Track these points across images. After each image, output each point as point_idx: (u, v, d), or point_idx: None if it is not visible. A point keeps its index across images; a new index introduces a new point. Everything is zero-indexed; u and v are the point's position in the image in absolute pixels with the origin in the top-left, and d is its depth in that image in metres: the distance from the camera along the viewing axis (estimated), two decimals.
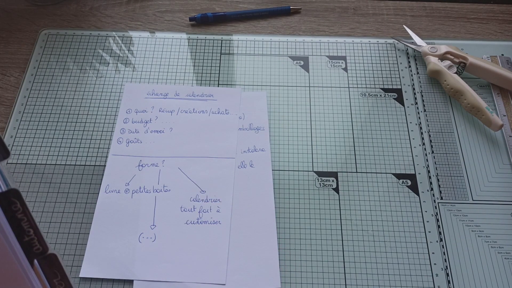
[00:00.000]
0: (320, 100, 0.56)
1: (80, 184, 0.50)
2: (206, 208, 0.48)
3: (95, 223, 0.47)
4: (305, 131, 0.54)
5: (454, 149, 0.53)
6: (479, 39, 0.62)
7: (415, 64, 0.59)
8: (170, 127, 0.54)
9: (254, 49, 0.61)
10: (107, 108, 0.55)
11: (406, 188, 0.50)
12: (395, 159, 0.52)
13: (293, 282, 0.45)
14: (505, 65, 0.58)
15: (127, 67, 0.59)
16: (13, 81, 0.58)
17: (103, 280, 0.45)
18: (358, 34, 0.63)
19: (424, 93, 0.57)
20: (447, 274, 0.45)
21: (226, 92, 0.56)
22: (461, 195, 0.50)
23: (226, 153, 0.52)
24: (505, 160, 0.52)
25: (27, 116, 0.54)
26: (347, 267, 0.46)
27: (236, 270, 0.45)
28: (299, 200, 0.49)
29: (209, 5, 0.66)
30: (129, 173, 0.50)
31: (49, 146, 0.52)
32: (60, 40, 0.61)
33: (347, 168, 0.51)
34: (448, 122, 0.55)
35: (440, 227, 0.48)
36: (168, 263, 0.45)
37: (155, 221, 0.48)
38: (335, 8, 0.66)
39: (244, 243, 0.46)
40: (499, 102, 0.56)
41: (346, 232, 0.48)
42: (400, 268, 0.46)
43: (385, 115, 0.55)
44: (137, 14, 0.65)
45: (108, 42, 0.61)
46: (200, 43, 0.61)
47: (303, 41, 0.61)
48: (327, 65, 0.59)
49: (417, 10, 0.66)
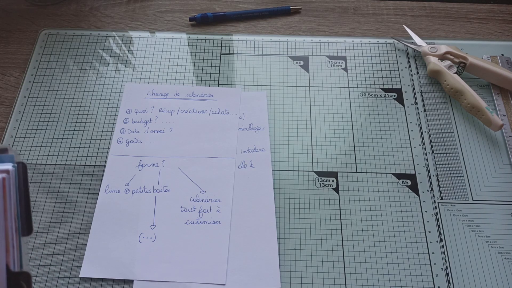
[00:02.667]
0: (320, 100, 0.56)
1: (80, 184, 0.50)
2: (206, 208, 0.48)
3: (95, 223, 0.47)
4: (305, 131, 0.54)
5: (454, 149, 0.53)
6: (479, 39, 0.62)
7: (415, 64, 0.59)
8: (170, 127, 0.54)
9: (254, 49, 0.61)
10: (107, 108, 0.55)
11: (406, 188, 0.50)
12: (395, 159, 0.52)
13: (293, 282, 0.45)
14: (505, 65, 0.58)
15: (127, 67, 0.59)
16: (13, 81, 0.58)
17: (103, 280, 0.45)
18: (358, 34, 0.63)
19: (424, 93, 0.57)
20: (447, 274, 0.45)
21: (226, 92, 0.56)
22: (461, 195, 0.50)
23: (226, 153, 0.52)
24: (505, 160, 0.52)
25: (27, 116, 0.54)
26: (347, 267, 0.46)
27: (236, 270, 0.45)
28: (299, 200, 0.49)
29: (209, 5, 0.66)
30: (129, 173, 0.50)
31: (49, 146, 0.52)
32: (60, 40, 0.61)
33: (347, 168, 0.51)
34: (448, 122, 0.55)
35: (440, 227, 0.48)
36: (168, 263, 0.45)
37: (155, 221, 0.48)
38: (335, 8, 0.66)
39: (244, 243, 0.46)
40: (499, 102, 0.56)
41: (346, 232, 0.48)
42: (400, 268, 0.46)
43: (385, 115, 0.55)
44: (137, 14, 0.65)
45: (108, 42, 0.61)
46: (200, 43, 0.61)
47: (303, 41, 0.61)
48: (327, 65, 0.59)
49: (417, 10, 0.66)
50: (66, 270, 0.45)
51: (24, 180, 0.28)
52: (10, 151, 0.27)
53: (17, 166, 0.27)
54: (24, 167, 0.28)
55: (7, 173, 0.26)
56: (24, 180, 0.28)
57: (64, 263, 0.46)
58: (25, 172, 0.28)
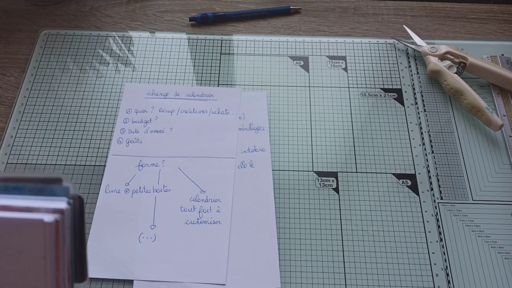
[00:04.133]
0: (320, 100, 0.56)
1: (80, 184, 0.50)
2: (206, 208, 0.48)
3: (95, 223, 0.47)
4: (305, 131, 0.54)
5: (454, 149, 0.53)
6: (479, 39, 0.62)
7: (415, 64, 0.59)
8: (170, 127, 0.54)
9: (254, 49, 0.61)
10: (107, 108, 0.55)
11: (406, 188, 0.50)
12: (395, 159, 0.52)
13: (293, 282, 0.45)
14: (505, 65, 0.58)
15: (127, 67, 0.59)
16: (13, 81, 0.58)
17: (103, 280, 0.45)
18: (358, 34, 0.63)
19: (424, 93, 0.57)
20: (447, 274, 0.45)
21: (226, 92, 0.56)
22: (461, 195, 0.50)
23: (226, 153, 0.52)
24: (505, 160, 0.52)
25: (27, 116, 0.54)
26: (347, 267, 0.46)
27: (236, 270, 0.45)
28: (299, 200, 0.49)
29: (209, 5, 0.66)
30: (129, 173, 0.50)
31: (49, 146, 0.52)
32: (60, 40, 0.61)
33: (347, 168, 0.51)
34: (448, 122, 0.55)
35: (440, 227, 0.48)
36: (168, 263, 0.45)
37: (155, 221, 0.48)
38: (335, 8, 0.66)
39: (244, 243, 0.46)
40: (499, 102, 0.56)
41: (346, 232, 0.48)
42: (400, 268, 0.46)
43: (385, 115, 0.55)
44: (137, 14, 0.65)
45: (108, 42, 0.61)
46: (200, 43, 0.61)
47: (303, 41, 0.61)
48: (327, 65, 0.59)
49: (417, 10, 0.65)
50: None
51: (80, 218, 0.23)
52: (64, 182, 0.22)
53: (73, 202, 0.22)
54: (81, 202, 0.23)
55: (61, 213, 0.21)
56: (80, 218, 0.23)
57: None
58: (81, 208, 0.23)
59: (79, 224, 0.23)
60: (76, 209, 0.22)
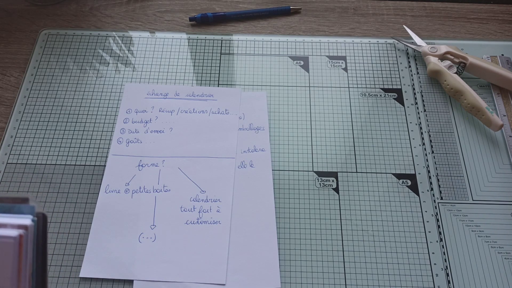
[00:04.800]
0: (320, 100, 0.56)
1: (80, 184, 0.50)
2: (206, 208, 0.48)
3: (95, 223, 0.47)
4: (305, 131, 0.54)
5: (454, 149, 0.53)
6: (479, 39, 0.62)
7: (415, 64, 0.59)
8: (170, 127, 0.54)
9: (254, 49, 0.61)
10: (107, 108, 0.55)
11: (406, 188, 0.50)
12: (395, 159, 0.52)
13: (293, 282, 0.45)
14: (505, 65, 0.58)
15: (127, 67, 0.59)
16: (13, 81, 0.58)
17: (103, 280, 0.45)
18: (358, 34, 0.63)
19: (424, 93, 0.57)
20: (447, 274, 0.45)
21: (226, 92, 0.56)
22: (461, 195, 0.50)
23: (226, 153, 0.52)
24: (505, 160, 0.52)
25: (27, 116, 0.54)
26: (347, 267, 0.46)
27: (236, 270, 0.45)
28: (299, 200, 0.49)
29: (209, 5, 0.66)
30: (129, 173, 0.50)
31: (49, 146, 0.52)
32: (60, 40, 0.61)
33: (347, 168, 0.51)
34: (448, 122, 0.55)
35: (440, 227, 0.48)
36: (168, 263, 0.45)
37: (155, 221, 0.48)
38: (335, 8, 0.66)
39: (244, 243, 0.46)
40: (499, 102, 0.56)
41: (346, 232, 0.48)
42: (400, 268, 0.46)
43: (385, 115, 0.55)
44: (137, 14, 0.65)
45: (108, 42, 0.61)
46: (200, 43, 0.61)
47: (303, 41, 0.61)
48: (327, 65, 0.59)
49: (417, 10, 0.66)
50: (66, 270, 0.45)
51: (43, 234, 0.25)
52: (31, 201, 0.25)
53: (37, 219, 0.24)
54: (45, 219, 0.25)
55: (25, 229, 0.23)
56: (43, 234, 0.25)
57: (64, 263, 0.46)
58: (45, 225, 0.25)
59: (42, 239, 0.25)
60: (39, 225, 0.24)
